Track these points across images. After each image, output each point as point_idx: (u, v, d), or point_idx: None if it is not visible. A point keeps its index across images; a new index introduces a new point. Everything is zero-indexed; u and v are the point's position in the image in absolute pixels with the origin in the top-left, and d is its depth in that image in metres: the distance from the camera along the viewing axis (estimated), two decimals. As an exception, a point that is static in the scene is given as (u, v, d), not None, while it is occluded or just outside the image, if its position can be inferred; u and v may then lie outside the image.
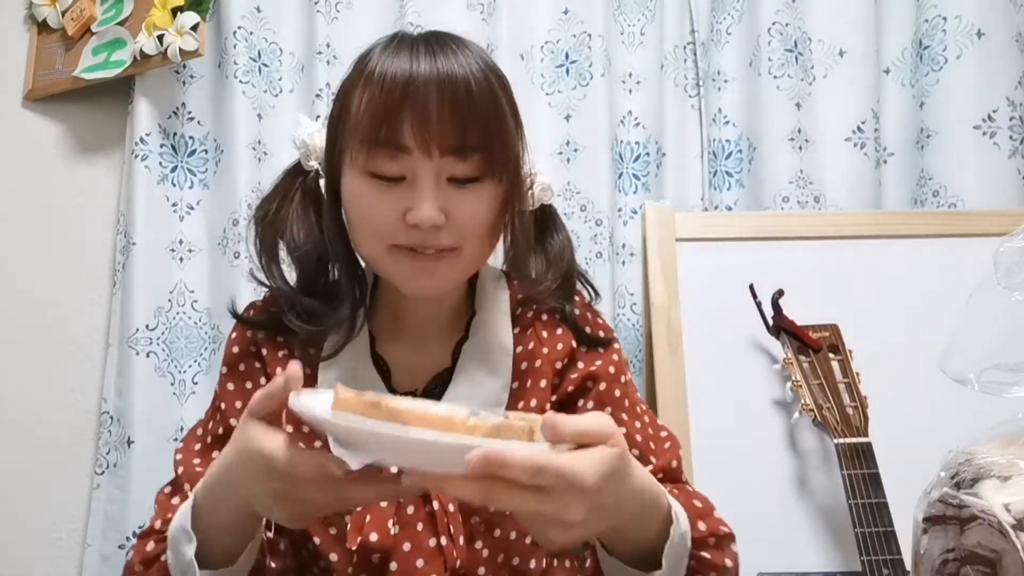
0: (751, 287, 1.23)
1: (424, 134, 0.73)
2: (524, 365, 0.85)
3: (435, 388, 0.85)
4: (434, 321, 0.87)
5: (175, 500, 0.80)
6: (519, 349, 0.85)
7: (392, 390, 0.84)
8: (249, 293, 1.37)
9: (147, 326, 1.36)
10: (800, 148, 1.46)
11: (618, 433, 0.59)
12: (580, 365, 0.86)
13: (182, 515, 0.71)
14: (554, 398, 0.86)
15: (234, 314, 0.88)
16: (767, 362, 1.25)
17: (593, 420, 0.59)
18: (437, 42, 0.77)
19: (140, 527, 1.33)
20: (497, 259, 0.89)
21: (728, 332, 1.27)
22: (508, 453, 0.51)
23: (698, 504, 0.77)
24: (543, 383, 0.84)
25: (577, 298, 0.90)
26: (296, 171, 0.87)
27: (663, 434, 0.87)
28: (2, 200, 1.40)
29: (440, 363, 0.86)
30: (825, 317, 1.21)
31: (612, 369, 0.87)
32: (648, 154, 1.53)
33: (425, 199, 0.74)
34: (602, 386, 0.85)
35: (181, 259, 1.42)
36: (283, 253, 0.84)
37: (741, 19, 1.51)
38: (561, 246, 0.89)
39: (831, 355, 1.18)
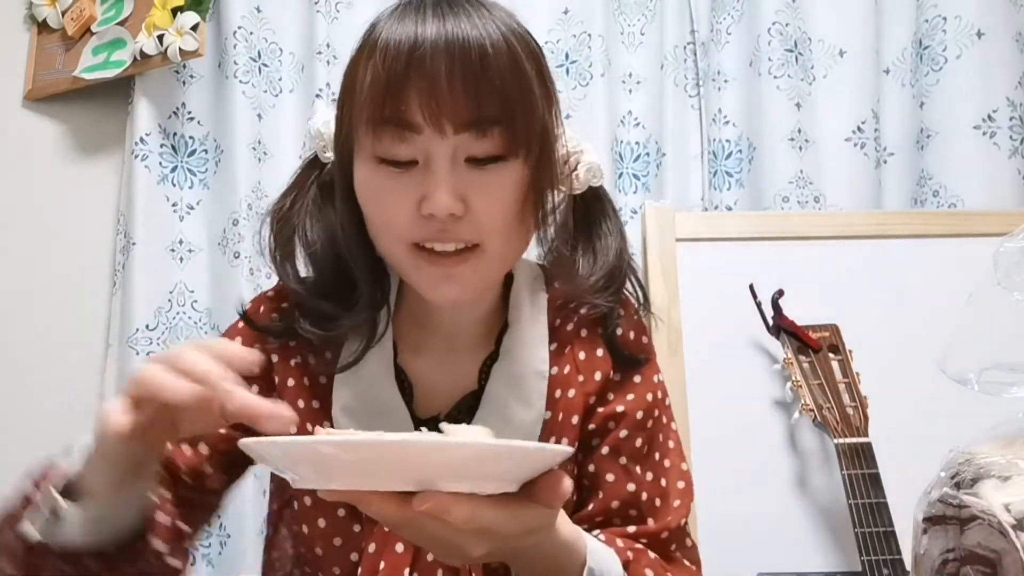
0: (751, 287, 1.23)
1: (433, 108, 0.64)
2: (558, 392, 0.77)
3: (459, 415, 0.77)
4: (463, 330, 0.79)
5: None
6: (554, 370, 0.77)
7: (412, 414, 0.77)
8: (250, 293, 1.37)
9: (147, 326, 1.37)
10: (800, 148, 1.46)
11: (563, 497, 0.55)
12: (610, 397, 0.79)
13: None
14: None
15: (243, 316, 0.80)
16: (767, 362, 1.25)
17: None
18: (449, 3, 0.67)
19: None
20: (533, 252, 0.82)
21: (728, 332, 1.27)
22: (451, 504, 0.50)
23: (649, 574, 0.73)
24: (575, 419, 0.77)
25: (623, 312, 0.81)
26: (313, 163, 0.80)
27: (680, 484, 0.80)
28: (2, 200, 1.40)
29: (466, 383, 0.78)
30: (825, 317, 1.21)
31: (640, 414, 0.79)
32: (648, 154, 1.53)
33: (439, 184, 0.66)
34: (623, 433, 0.78)
35: (181, 259, 1.42)
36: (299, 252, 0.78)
37: (741, 19, 1.51)
38: (609, 236, 0.79)
39: (831, 355, 1.18)
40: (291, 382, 0.76)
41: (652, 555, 0.75)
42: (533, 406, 0.76)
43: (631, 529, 0.76)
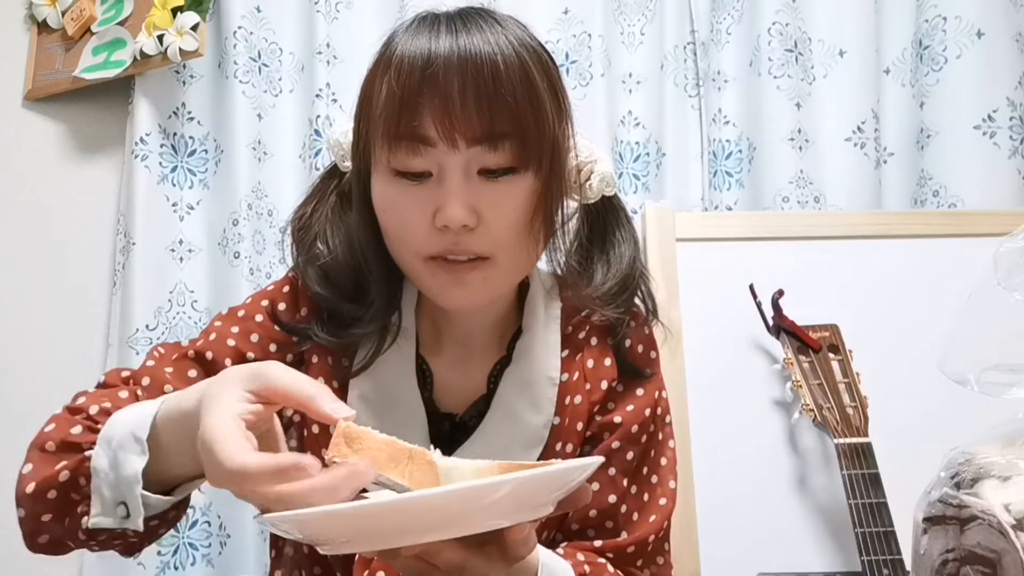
0: (751, 287, 1.23)
1: (447, 123, 0.66)
2: (567, 399, 0.78)
3: (471, 420, 0.79)
4: (477, 334, 0.80)
5: (123, 394, 0.71)
6: (564, 377, 0.79)
7: (431, 405, 0.78)
8: (250, 292, 1.37)
9: (147, 326, 1.36)
10: (800, 148, 1.46)
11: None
12: (610, 406, 0.80)
13: (135, 420, 0.62)
14: None
15: (276, 319, 0.80)
16: (767, 362, 1.25)
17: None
18: (462, 18, 0.69)
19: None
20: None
21: (728, 332, 1.27)
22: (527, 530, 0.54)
23: None
24: (579, 426, 0.78)
25: (634, 323, 0.82)
26: (332, 173, 0.82)
27: (662, 501, 0.81)
28: (2, 200, 1.40)
29: (478, 386, 0.80)
30: (825, 317, 1.21)
31: (636, 427, 0.79)
32: (648, 154, 1.53)
33: (453, 197, 0.67)
34: (615, 444, 0.79)
35: (181, 259, 1.42)
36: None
37: (741, 19, 1.51)
38: (623, 244, 0.80)
39: (831, 355, 1.18)
40: (315, 357, 0.78)
41: (612, 570, 0.76)
42: (543, 411, 0.77)
43: (597, 543, 0.77)
